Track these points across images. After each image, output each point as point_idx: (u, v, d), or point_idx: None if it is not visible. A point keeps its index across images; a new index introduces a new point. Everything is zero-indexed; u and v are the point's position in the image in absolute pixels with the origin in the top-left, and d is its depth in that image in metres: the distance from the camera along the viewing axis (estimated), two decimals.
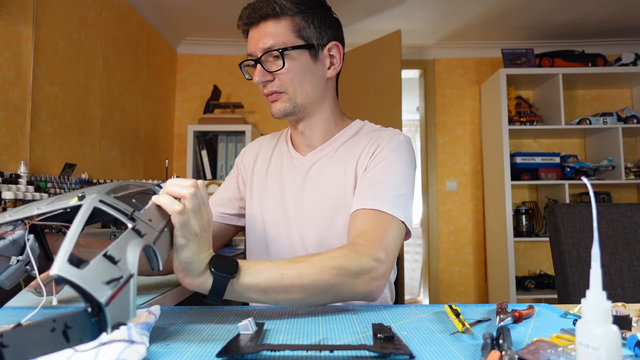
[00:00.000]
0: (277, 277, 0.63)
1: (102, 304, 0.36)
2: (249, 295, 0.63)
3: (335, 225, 0.91)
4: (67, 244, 0.37)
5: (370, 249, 0.71)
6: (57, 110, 1.84)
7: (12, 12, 1.58)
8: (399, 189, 0.83)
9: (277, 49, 0.85)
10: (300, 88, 0.89)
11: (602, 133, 3.06)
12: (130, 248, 0.44)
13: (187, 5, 2.71)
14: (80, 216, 0.41)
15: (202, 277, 0.60)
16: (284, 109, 0.90)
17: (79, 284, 0.35)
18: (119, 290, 0.38)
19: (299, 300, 0.65)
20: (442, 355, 0.49)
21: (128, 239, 0.45)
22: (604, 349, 0.36)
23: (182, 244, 0.58)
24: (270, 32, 0.85)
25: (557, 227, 1.16)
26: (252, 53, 0.88)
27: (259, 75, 0.87)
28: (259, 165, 1.03)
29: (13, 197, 1.36)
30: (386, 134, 0.94)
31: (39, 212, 0.49)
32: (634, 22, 2.94)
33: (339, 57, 0.93)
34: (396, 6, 2.74)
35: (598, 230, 0.40)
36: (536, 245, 3.24)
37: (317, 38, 0.89)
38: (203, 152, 2.94)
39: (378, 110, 2.81)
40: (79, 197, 0.48)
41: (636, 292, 1.10)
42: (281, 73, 0.87)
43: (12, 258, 0.54)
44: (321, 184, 0.93)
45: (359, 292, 0.69)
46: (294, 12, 0.86)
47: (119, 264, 0.41)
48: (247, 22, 0.88)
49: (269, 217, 0.97)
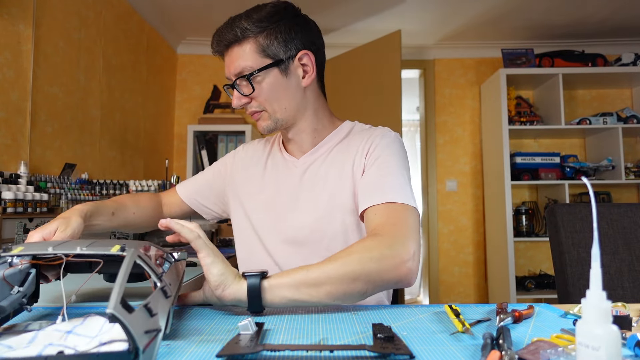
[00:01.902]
0: (303, 273, 0.66)
1: (139, 350, 0.39)
2: (282, 294, 0.65)
3: (332, 225, 0.91)
4: (119, 287, 0.41)
5: (390, 235, 0.73)
6: (57, 110, 1.84)
7: (12, 12, 1.58)
8: (400, 178, 0.85)
9: (246, 74, 0.87)
10: (277, 104, 0.91)
11: (602, 133, 3.06)
12: (160, 306, 0.49)
13: (187, 5, 2.71)
14: (125, 265, 0.46)
15: (237, 284, 0.65)
16: (267, 126, 0.93)
17: (128, 327, 0.38)
18: (152, 340, 0.42)
19: (331, 292, 0.67)
20: (442, 355, 0.49)
21: (159, 297, 0.50)
22: (604, 349, 0.36)
23: (209, 262, 0.65)
24: (237, 57, 0.88)
25: (557, 227, 1.16)
26: (228, 77, 0.92)
27: (236, 99, 0.91)
28: (253, 169, 1.04)
29: (13, 197, 1.36)
30: (377, 132, 0.96)
31: (81, 252, 0.54)
32: (634, 22, 2.95)
33: (312, 64, 0.92)
34: (396, 6, 2.74)
35: (598, 230, 0.40)
36: (536, 245, 3.24)
37: (284, 52, 0.89)
38: (203, 152, 2.94)
39: (378, 110, 2.81)
40: (121, 247, 0.54)
41: (636, 292, 1.10)
42: (255, 95, 0.90)
43: (14, 287, 0.57)
44: (317, 184, 0.94)
45: (389, 278, 0.70)
46: (256, 33, 0.87)
47: (154, 317, 0.46)
48: (217, 50, 0.91)
49: (264, 219, 0.98)
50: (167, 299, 0.53)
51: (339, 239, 0.91)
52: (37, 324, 0.56)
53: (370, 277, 0.68)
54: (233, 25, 0.88)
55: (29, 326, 0.55)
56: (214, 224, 2.07)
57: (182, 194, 1.11)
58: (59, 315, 0.54)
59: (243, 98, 0.90)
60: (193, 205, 1.11)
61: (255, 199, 1.00)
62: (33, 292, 0.62)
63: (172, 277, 0.61)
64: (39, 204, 1.47)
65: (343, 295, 0.68)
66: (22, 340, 0.46)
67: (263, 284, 0.65)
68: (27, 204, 1.41)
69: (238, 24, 0.87)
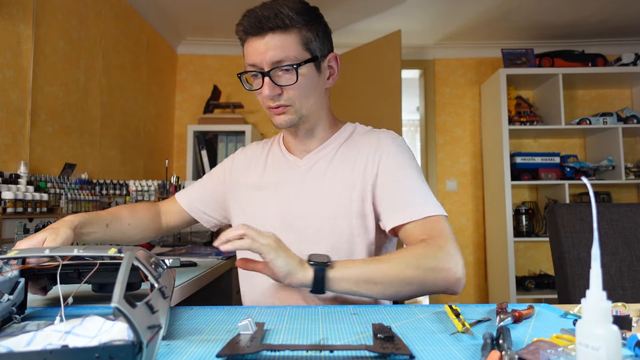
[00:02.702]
0: (366, 271, 0.73)
1: (143, 344, 0.39)
2: (342, 285, 0.72)
3: (337, 227, 0.90)
4: (121, 283, 0.41)
5: (440, 248, 0.78)
6: (57, 110, 1.84)
7: (12, 12, 1.58)
8: (424, 188, 0.88)
9: (291, 64, 0.83)
10: (305, 100, 0.89)
11: (602, 133, 3.06)
12: (159, 305, 0.50)
13: (187, 5, 2.71)
14: (125, 263, 0.46)
15: (303, 272, 0.71)
16: (290, 120, 0.90)
17: (132, 320, 0.39)
18: (154, 336, 0.43)
19: (386, 291, 0.74)
20: (442, 355, 0.49)
21: (158, 296, 0.51)
22: (604, 349, 0.36)
23: (273, 257, 0.69)
24: (279, 45, 0.83)
25: (557, 227, 1.16)
26: (256, 64, 0.86)
27: (269, 89, 0.85)
28: (252, 172, 1.03)
29: (13, 197, 1.36)
30: (387, 138, 0.95)
31: (78, 254, 0.55)
32: (634, 22, 2.95)
33: (337, 67, 0.94)
34: (396, 6, 2.74)
35: (598, 230, 0.40)
36: (536, 245, 3.24)
37: (320, 50, 0.89)
38: (203, 152, 2.94)
39: (378, 110, 2.81)
40: (117, 249, 0.55)
41: (636, 292, 1.10)
42: (291, 88, 0.86)
43: (4, 295, 0.58)
44: (322, 185, 0.93)
45: (439, 286, 0.75)
46: (301, 24, 0.84)
47: (155, 314, 0.47)
48: (251, 33, 0.84)
49: (265, 220, 0.96)
50: (165, 299, 0.53)
51: (343, 240, 0.90)
52: (35, 324, 0.56)
53: (423, 285, 0.74)
54: (276, 11, 0.82)
55: (27, 327, 0.55)
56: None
57: (183, 202, 1.10)
58: (57, 316, 0.54)
59: (276, 88, 0.86)
60: (193, 213, 1.09)
61: (256, 200, 0.99)
62: (21, 302, 0.63)
63: (167, 282, 0.61)
64: (39, 204, 1.47)
65: (395, 294, 0.75)
66: (20, 341, 0.46)
67: (327, 274, 0.71)
68: (27, 204, 1.41)
69: (282, 11, 0.82)
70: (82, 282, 0.69)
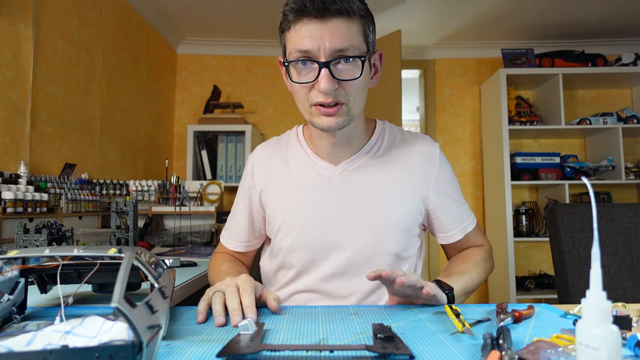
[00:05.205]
0: (467, 285, 0.83)
1: (144, 343, 0.39)
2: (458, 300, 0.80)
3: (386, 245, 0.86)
4: (121, 283, 0.41)
5: (489, 251, 0.98)
6: (57, 110, 1.84)
7: (12, 12, 1.58)
8: (463, 198, 0.99)
9: (357, 55, 0.73)
10: (359, 100, 0.79)
11: (602, 133, 3.06)
12: (159, 305, 0.50)
13: (187, 5, 2.71)
14: (125, 264, 0.46)
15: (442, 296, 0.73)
16: (342, 122, 0.78)
17: (132, 320, 0.39)
18: (154, 336, 0.43)
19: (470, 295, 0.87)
20: (442, 355, 0.49)
21: (157, 296, 0.51)
22: (604, 349, 0.36)
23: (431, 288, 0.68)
24: (343, 32, 0.72)
25: (557, 227, 1.16)
26: (310, 50, 0.73)
27: (329, 82, 0.73)
28: (275, 170, 0.93)
29: (13, 197, 1.36)
30: (429, 149, 0.93)
31: (78, 254, 0.55)
32: (634, 22, 2.94)
33: (380, 66, 0.86)
34: (396, 6, 2.74)
35: (598, 230, 0.40)
36: (536, 245, 3.24)
37: (373, 44, 0.80)
38: (203, 152, 2.94)
39: (378, 110, 2.81)
40: (117, 250, 0.55)
41: (636, 292, 1.10)
42: (351, 83, 0.75)
43: (4, 295, 0.58)
44: (366, 198, 0.87)
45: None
46: (363, 13, 0.75)
47: (155, 314, 0.47)
48: (310, 13, 0.72)
49: (294, 242, 0.89)
50: (165, 299, 0.53)
51: (387, 261, 0.86)
52: (35, 324, 0.56)
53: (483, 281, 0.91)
54: None
55: (27, 327, 0.55)
56: (214, 223, 2.07)
57: (241, 248, 0.99)
58: (57, 316, 0.54)
59: (335, 82, 0.74)
60: (253, 248, 1.00)
61: (287, 216, 0.89)
62: (22, 302, 0.63)
63: (167, 282, 0.61)
64: (39, 204, 1.47)
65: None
66: (20, 341, 0.46)
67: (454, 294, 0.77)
68: (27, 204, 1.41)
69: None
70: (82, 282, 0.69)
